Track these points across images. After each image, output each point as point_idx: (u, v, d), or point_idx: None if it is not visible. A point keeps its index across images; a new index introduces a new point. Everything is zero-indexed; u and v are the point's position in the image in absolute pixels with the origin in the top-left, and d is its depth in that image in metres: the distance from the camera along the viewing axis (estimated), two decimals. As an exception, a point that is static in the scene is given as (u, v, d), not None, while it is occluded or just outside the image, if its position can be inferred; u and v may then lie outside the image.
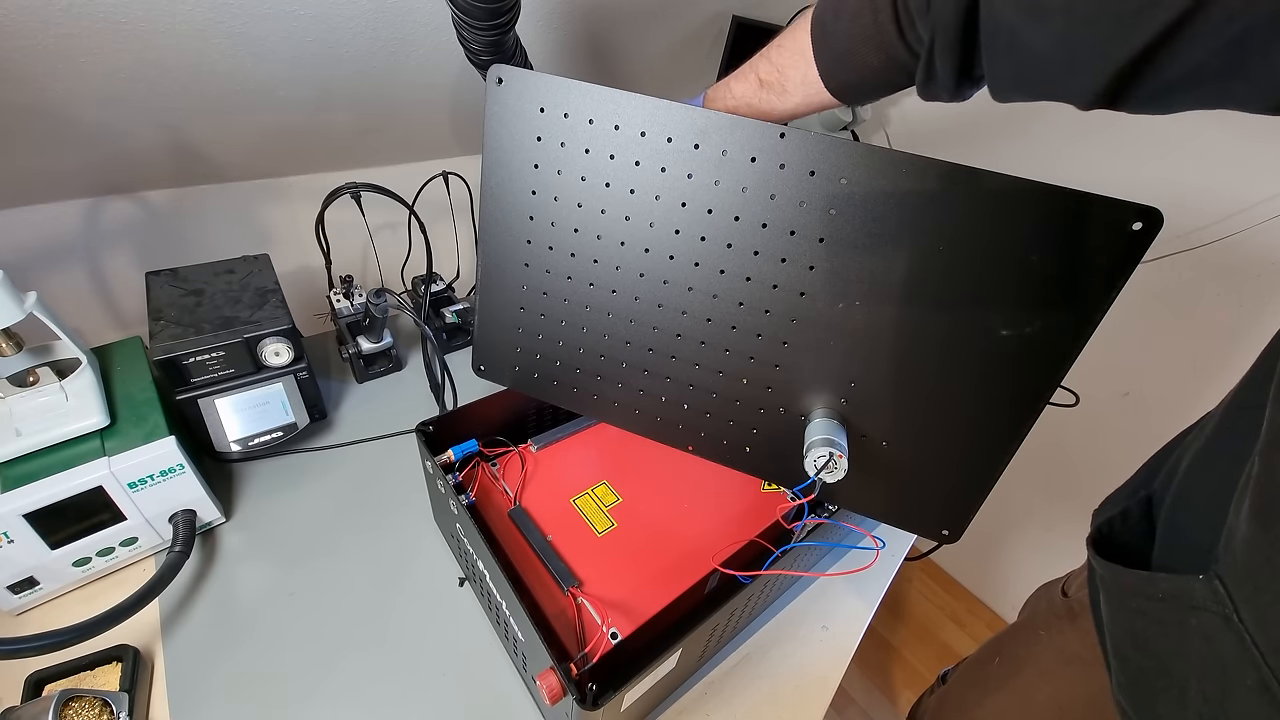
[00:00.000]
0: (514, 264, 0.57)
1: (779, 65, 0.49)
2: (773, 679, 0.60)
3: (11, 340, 0.56)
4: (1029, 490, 1.29)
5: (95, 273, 0.84)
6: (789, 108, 0.50)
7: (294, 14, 0.64)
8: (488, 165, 0.54)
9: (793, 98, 0.50)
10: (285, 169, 0.94)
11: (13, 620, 0.57)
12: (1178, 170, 0.93)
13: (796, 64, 0.48)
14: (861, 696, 1.31)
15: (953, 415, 0.48)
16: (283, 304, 0.73)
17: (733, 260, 0.49)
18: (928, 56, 0.40)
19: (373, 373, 0.90)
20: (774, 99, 0.50)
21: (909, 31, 0.41)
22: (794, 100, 0.50)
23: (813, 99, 0.49)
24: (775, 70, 0.50)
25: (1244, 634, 0.34)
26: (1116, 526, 0.49)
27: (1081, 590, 0.60)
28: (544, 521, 0.57)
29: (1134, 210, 0.38)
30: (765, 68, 0.50)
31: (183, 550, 0.58)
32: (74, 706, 0.47)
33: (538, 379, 0.63)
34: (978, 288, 0.43)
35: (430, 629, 0.60)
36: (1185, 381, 1.03)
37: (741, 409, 0.55)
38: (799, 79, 0.48)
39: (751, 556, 0.57)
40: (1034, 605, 0.70)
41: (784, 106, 0.50)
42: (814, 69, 0.47)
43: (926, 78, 0.42)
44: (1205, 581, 0.36)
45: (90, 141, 0.70)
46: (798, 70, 0.48)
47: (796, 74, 0.48)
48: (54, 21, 0.53)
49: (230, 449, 0.70)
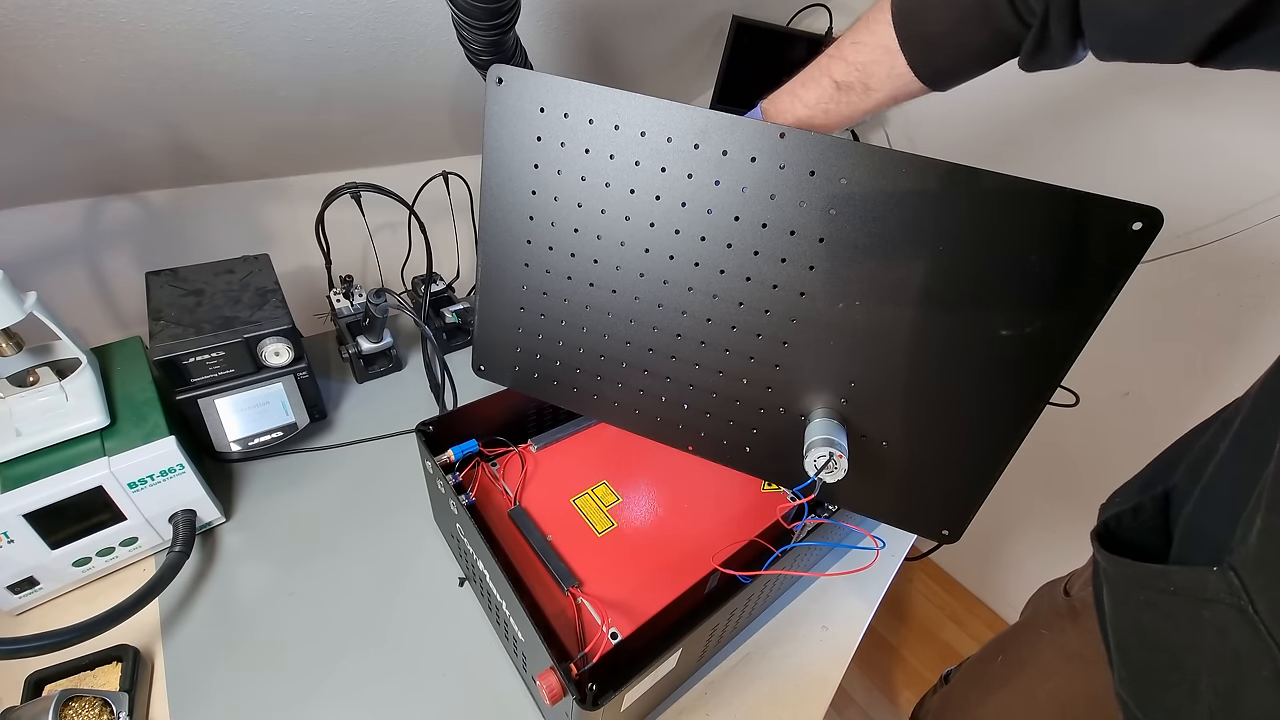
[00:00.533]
0: (514, 264, 0.57)
1: (858, 64, 0.48)
2: (773, 679, 0.60)
3: (11, 340, 0.56)
4: (1029, 490, 1.29)
5: (95, 273, 0.84)
6: (872, 105, 0.49)
7: (294, 14, 0.64)
8: (488, 165, 0.54)
9: (877, 94, 0.48)
10: (285, 169, 0.94)
11: (13, 620, 0.57)
12: (1178, 170, 0.93)
13: (880, 59, 0.47)
14: (861, 696, 1.31)
15: (953, 415, 0.48)
16: (283, 304, 0.73)
17: (733, 260, 0.49)
18: (1041, 26, 0.40)
19: (373, 373, 0.90)
20: (856, 99, 0.49)
21: (1021, 3, 0.40)
22: (879, 96, 0.49)
23: (900, 91, 0.48)
24: (854, 69, 0.48)
25: (1259, 625, 0.33)
26: (1126, 521, 0.49)
27: (1084, 589, 0.60)
28: (544, 521, 0.57)
29: (1134, 210, 0.38)
30: (841, 69, 0.49)
31: (183, 550, 0.58)
32: (74, 706, 0.47)
33: (538, 379, 0.63)
34: (978, 288, 0.43)
35: (430, 629, 0.60)
36: (1185, 381, 1.03)
37: (741, 409, 0.55)
38: (884, 74, 0.47)
39: (751, 556, 0.57)
40: (1036, 604, 0.70)
41: (867, 104, 0.49)
42: (901, 60, 0.46)
43: (1038, 46, 0.41)
44: (1220, 573, 0.36)
45: (90, 141, 0.70)
46: (882, 65, 0.47)
47: (881, 69, 0.47)
48: (54, 21, 0.53)
49: (230, 449, 0.70)
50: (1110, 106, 0.97)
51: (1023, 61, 0.43)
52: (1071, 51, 0.41)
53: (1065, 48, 0.40)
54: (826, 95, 0.50)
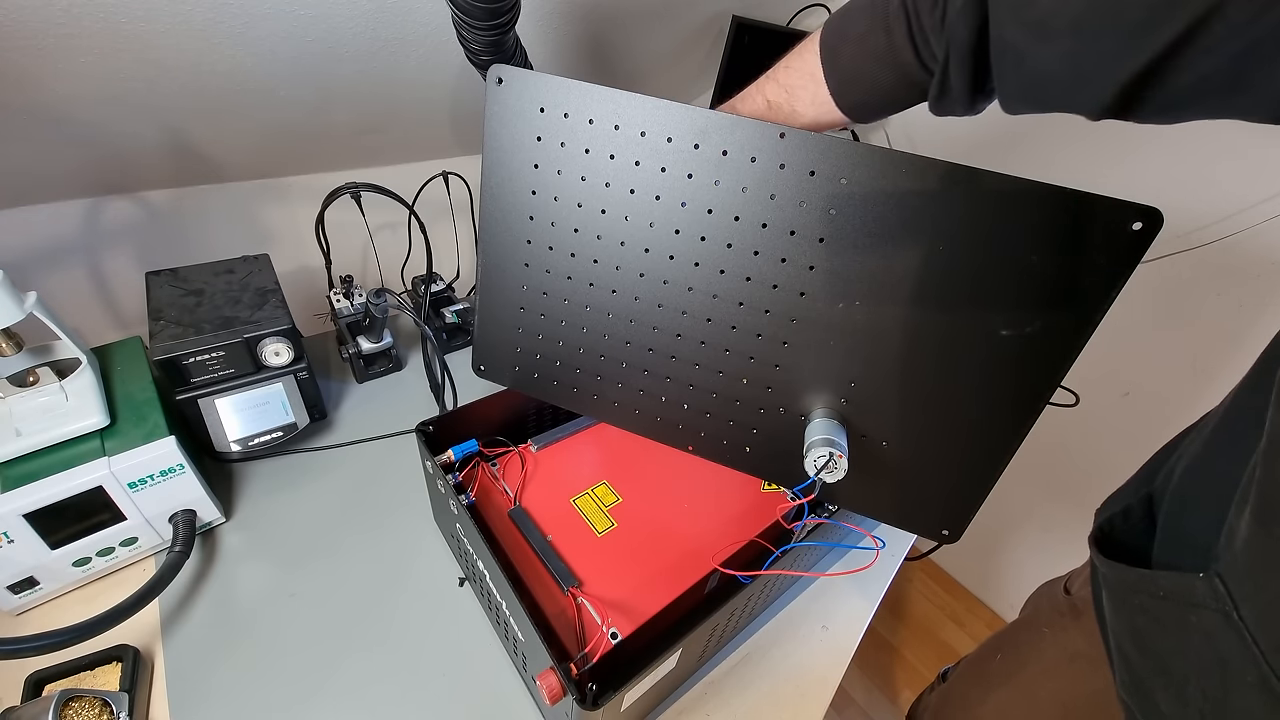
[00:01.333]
0: (514, 264, 0.57)
1: (787, 87, 0.50)
2: (773, 679, 0.60)
3: (11, 340, 0.56)
4: (1029, 490, 1.29)
5: (95, 273, 0.84)
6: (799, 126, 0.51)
7: (294, 14, 0.64)
8: (488, 165, 0.54)
9: (803, 118, 0.50)
10: (285, 169, 0.94)
11: (13, 620, 0.57)
12: (1178, 170, 0.93)
13: (805, 85, 0.49)
14: (861, 696, 1.31)
15: (953, 415, 0.48)
16: (283, 304, 0.73)
17: (733, 260, 0.49)
18: (942, 73, 0.41)
19: (373, 373, 0.90)
20: (783, 120, 0.51)
21: (923, 49, 0.42)
22: (804, 121, 0.51)
23: (823, 118, 0.50)
24: (784, 92, 0.50)
25: (1244, 632, 0.34)
26: (1118, 524, 0.49)
27: (1084, 588, 0.60)
28: (544, 521, 0.57)
29: (1134, 210, 0.38)
30: (773, 90, 0.51)
31: (183, 550, 0.58)
32: (74, 706, 0.47)
33: (538, 379, 0.63)
34: (978, 288, 0.43)
35: (430, 629, 0.60)
36: (1185, 381, 1.03)
37: (741, 409, 0.55)
38: (809, 99, 0.49)
39: (751, 556, 0.57)
40: (1036, 603, 0.70)
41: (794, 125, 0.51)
42: (824, 89, 0.48)
43: (940, 93, 0.42)
44: (1206, 580, 0.36)
45: (90, 141, 0.70)
46: (807, 91, 0.49)
47: (806, 94, 0.49)
48: (54, 21, 0.53)
49: (230, 449, 0.70)
50: (1110, 106, 0.96)
51: (931, 106, 0.45)
52: (972, 101, 0.42)
53: (965, 96, 0.41)
54: (759, 114, 0.52)
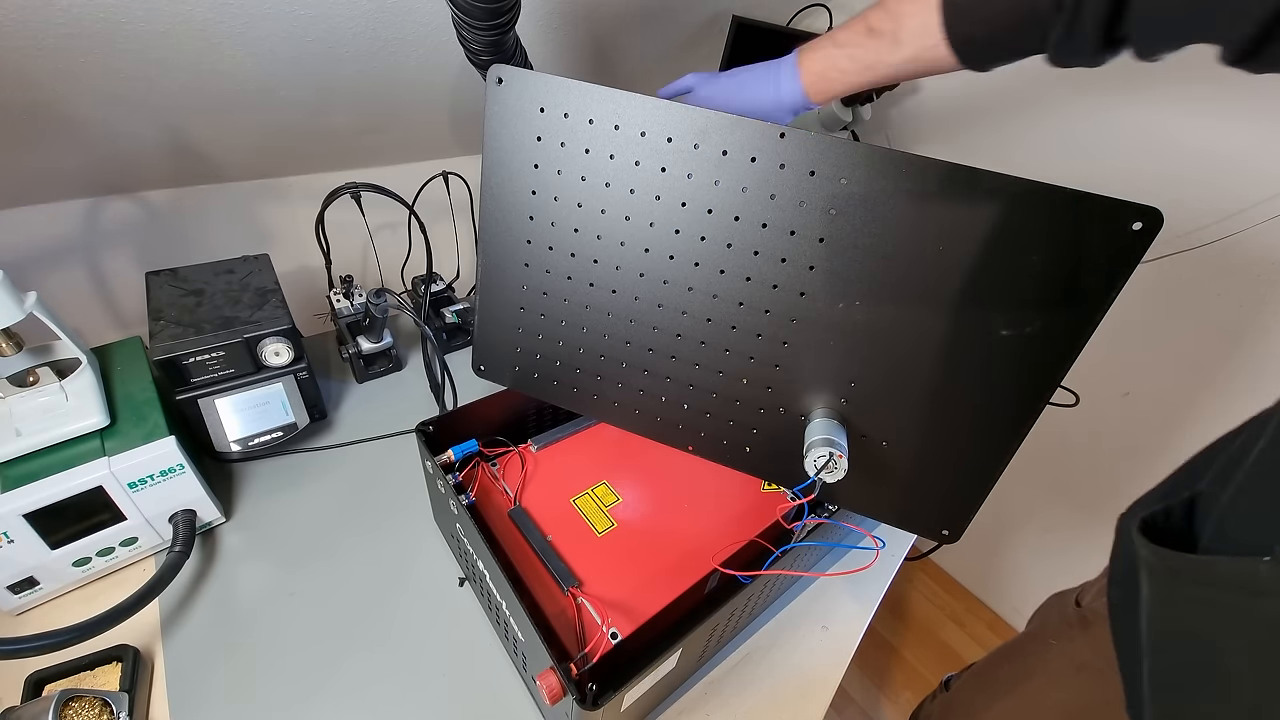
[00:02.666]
0: (514, 264, 0.57)
1: (895, 12, 0.46)
2: (773, 679, 0.60)
3: (11, 340, 0.56)
4: (1029, 490, 1.29)
5: (95, 273, 0.84)
6: (896, 61, 0.48)
7: (294, 14, 0.64)
8: (488, 165, 0.54)
9: (904, 49, 0.46)
10: (285, 169, 0.94)
11: (13, 620, 0.57)
12: (1178, 170, 0.93)
13: (916, 11, 0.45)
14: (861, 696, 1.31)
15: (953, 415, 0.48)
16: (283, 304, 0.73)
17: (733, 260, 0.49)
18: (1074, 8, 0.38)
19: (373, 373, 0.90)
20: (883, 48, 0.47)
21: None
22: (905, 52, 0.47)
23: (925, 54, 0.46)
24: (890, 18, 0.47)
25: None
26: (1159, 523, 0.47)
27: (1097, 599, 0.59)
28: (544, 521, 0.57)
29: (1134, 210, 0.38)
30: (878, 16, 0.47)
31: (183, 550, 0.58)
32: (74, 706, 0.47)
33: (538, 379, 0.63)
34: (977, 288, 0.43)
35: (430, 629, 0.60)
36: (1185, 381, 1.02)
37: (741, 409, 0.55)
38: (916, 27, 0.45)
39: (751, 556, 0.57)
40: (1044, 615, 0.70)
41: (891, 59, 0.48)
42: (935, 16, 0.44)
43: (1067, 33, 0.39)
44: (1271, 564, 0.33)
45: (90, 141, 0.70)
46: (916, 18, 0.45)
47: (915, 21, 0.45)
48: (54, 21, 0.53)
49: (230, 449, 0.70)
50: (1110, 106, 0.97)
51: (1052, 53, 0.41)
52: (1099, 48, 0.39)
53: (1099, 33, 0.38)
54: (857, 39, 0.49)
